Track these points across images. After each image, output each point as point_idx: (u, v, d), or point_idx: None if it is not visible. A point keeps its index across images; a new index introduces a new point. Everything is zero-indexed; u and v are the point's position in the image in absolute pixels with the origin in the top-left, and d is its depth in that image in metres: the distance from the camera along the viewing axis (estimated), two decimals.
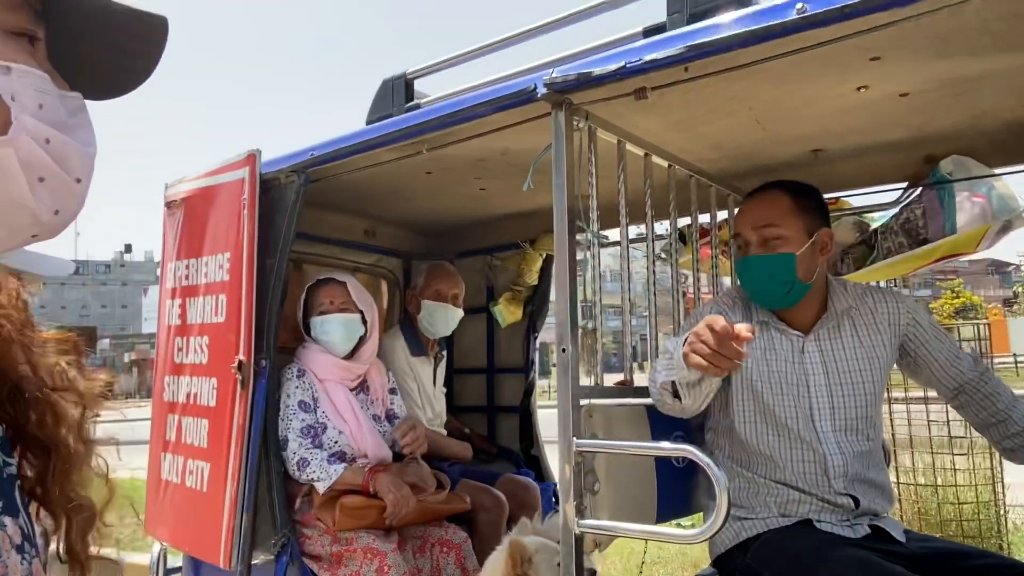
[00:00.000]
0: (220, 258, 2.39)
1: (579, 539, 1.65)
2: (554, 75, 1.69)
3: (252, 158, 2.32)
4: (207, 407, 2.39)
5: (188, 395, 2.50)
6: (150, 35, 0.68)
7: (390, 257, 3.46)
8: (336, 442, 2.40)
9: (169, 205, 2.70)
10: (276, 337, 2.33)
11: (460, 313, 3.03)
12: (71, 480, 0.65)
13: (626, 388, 1.98)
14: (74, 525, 0.67)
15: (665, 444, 1.64)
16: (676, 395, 1.70)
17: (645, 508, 1.90)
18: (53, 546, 0.68)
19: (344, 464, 2.33)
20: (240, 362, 2.26)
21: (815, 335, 1.90)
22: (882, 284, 2.48)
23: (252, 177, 2.30)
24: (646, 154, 2.08)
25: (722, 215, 2.50)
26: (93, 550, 0.69)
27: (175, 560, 2.72)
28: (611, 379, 2.03)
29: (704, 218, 2.49)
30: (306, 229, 2.99)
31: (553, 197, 1.73)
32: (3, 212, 0.58)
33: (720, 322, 1.46)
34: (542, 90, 1.71)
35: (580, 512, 1.66)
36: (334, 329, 2.52)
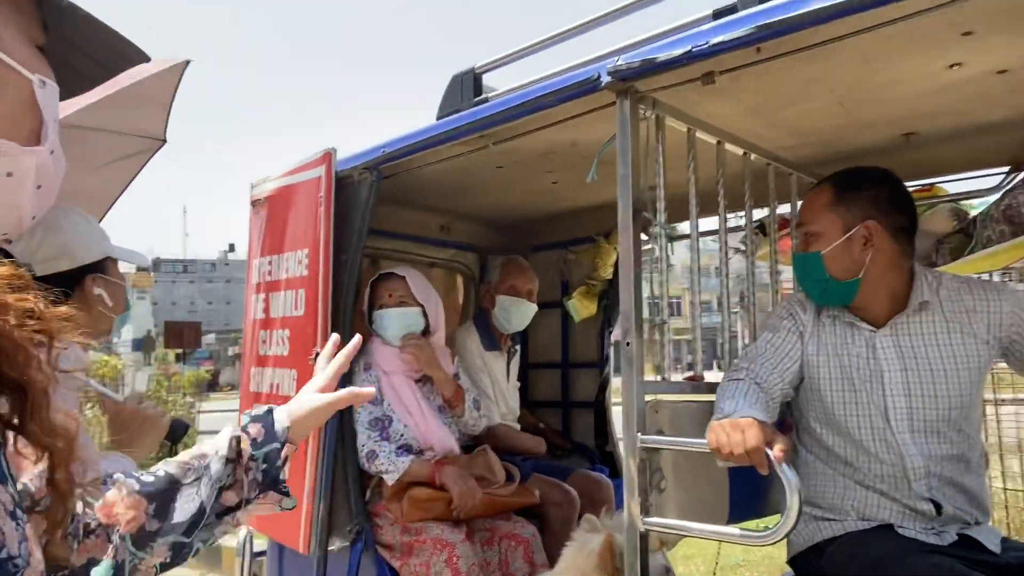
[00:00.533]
0: (299, 254, 2.47)
1: (644, 537, 1.62)
2: (618, 63, 1.65)
3: (328, 156, 2.39)
4: (288, 397, 2.47)
5: (271, 385, 2.60)
6: (121, 60, 0.72)
7: (465, 252, 3.49)
8: (402, 435, 2.44)
9: (254, 204, 2.81)
10: (350, 330, 2.39)
11: (535, 308, 3.03)
12: (47, 415, 0.66)
13: (695, 384, 1.92)
14: (55, 456, 0.67)
15: None
16: None
17: (716, 507, 1.84)
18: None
19: (412, 456, 2.37)
20: (316, 354, 2.32)
21: (890, 329, 1.78)
22: (983, 276, 2.31)
23: (328, 175, 2.37)
24: (719, 142, 2.01)
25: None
26: (75, 480, 0.70)
27: (260, 544, 2.84)
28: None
29: (783, 208, 2.39)
30: (383, 225, 3.07)
31: (617, 189, 1.70)
32: (2, 216, 0.61)
33: (753, 435, 1.44)
34: (606, 79, 1.68)
35: (645, 509, 1.62)
36: (390, 323, 2.57)
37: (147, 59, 0.73)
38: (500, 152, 2.38)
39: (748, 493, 1.95)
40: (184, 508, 0.94)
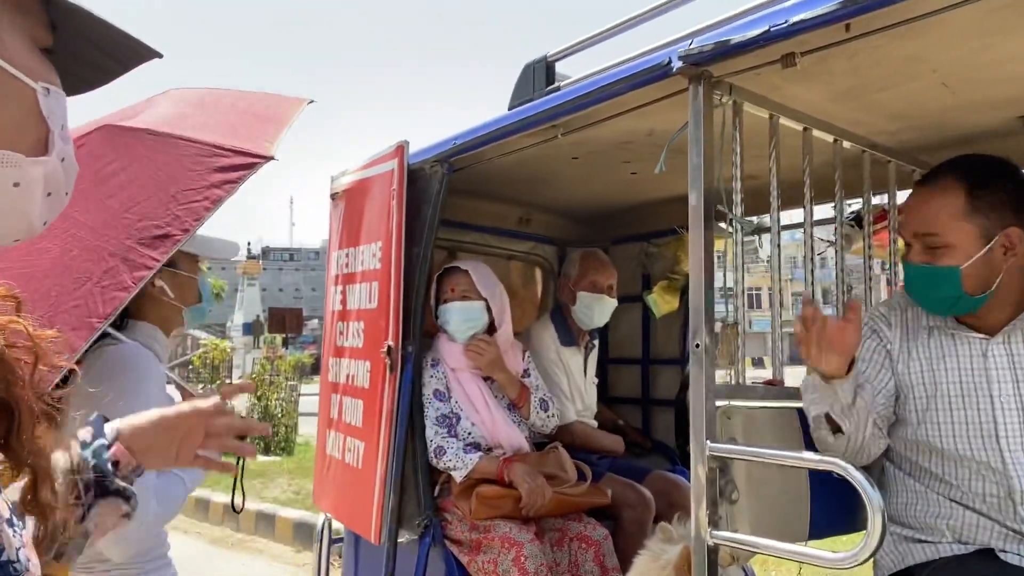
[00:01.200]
0: (373, 247, 2.49)
1: (712, 551, 1.52)
2: (690, 46, 1.55)
3: (401, 149, 2.39)
4: (362, 388, 2.51)
5: (347, 376, 2.64)
6: (129, 61, 0.70)
7: (544, 244, 3.43)
8: (469, 433, 2.42)
9: (333, 197, 2.86)
10: (421, 323, 2.39)
11: (614, 303, 2.94)
12: (30, 435, 0.66)
13: (774, 388, 1.79)
14: (38, 477, 0.68)
15: (809, 454, 1.46)
16: (836, 430, 1.53)
17: (795, 522, 1.72)
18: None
19: (480, 453, 2.34)
20: (389, 347, 2.34)
21: (1004, 337, 1.59)
22: None
23: (400, 168, 2.37)
24: (805, 128, 1.87)
25: (904, 194, 2.19)
26: (57, 498, 0.71)
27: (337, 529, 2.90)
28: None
29: (879, 198, 2.20)
30: (461, 217, 3.06)
31: (689, 179, 1.60)
32: (7, 222, 0.61)
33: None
34: (677, 64, 1.58)
35: (714, 522, 1.53)
36: (452, 317, 2.54)
37: (159, 55, 0.72)
38: (573, 143, 2.31)
39: (833, 507, 1.81)
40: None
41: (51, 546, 0.81)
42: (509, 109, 2.23)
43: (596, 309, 2.88)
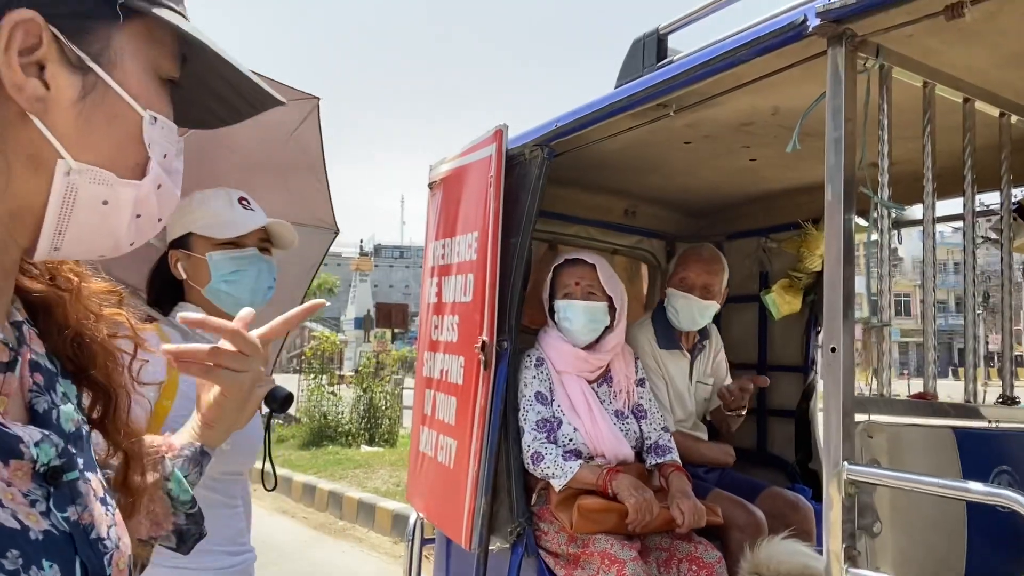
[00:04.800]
0: (469, 237, 2.38)
1: None
2: (831, 1, 1.33)
3: (499, 134, 2.25)
4: (456, 385, 2.40)
5: (441, 372, 2.54)
6: (259, 102, 0.72)
7: (651, 239, 3.22)
8: (571, 439, 2.25)
9: (431, 186, 2.77)
10: (519, 318, 2.25)
11: (712, 306, 2.65)
12: (127, 418, 0.71)
13: (924, 403, 1.53)
14: (131, 459, 0.73)
15: (975, 485, 1.20)
16: None
17: (947, 562, 1.45)
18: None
19: (580, 461, 2.17)
20: (483, 342, 2.21)
21: None
22: None
23: (499, 154, 2.23)
24: (966, 100, 1.59)
25: None
26: (147, 480, 0.76)
27: (428, 531, 2.82)
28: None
29: None
30: (562, 209, 2.90)
31: (825, 157, 1.38)
32: (94, 238, 0.63)
33: None
34: (814, 21, 1.36)
35: (851, 559, 1.30)
36: (576, 316, 2.36)
37: (282, 103, 0.72)
38: (686, 124, 2.11)
39: (995, 546, 1.53)
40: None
41: (138, 527, 0.86)
42: (616, 88, 2.05)
43: (683, 309, 2.63)
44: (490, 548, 2.19)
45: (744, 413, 2.64)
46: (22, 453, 0.54)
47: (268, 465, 1.65)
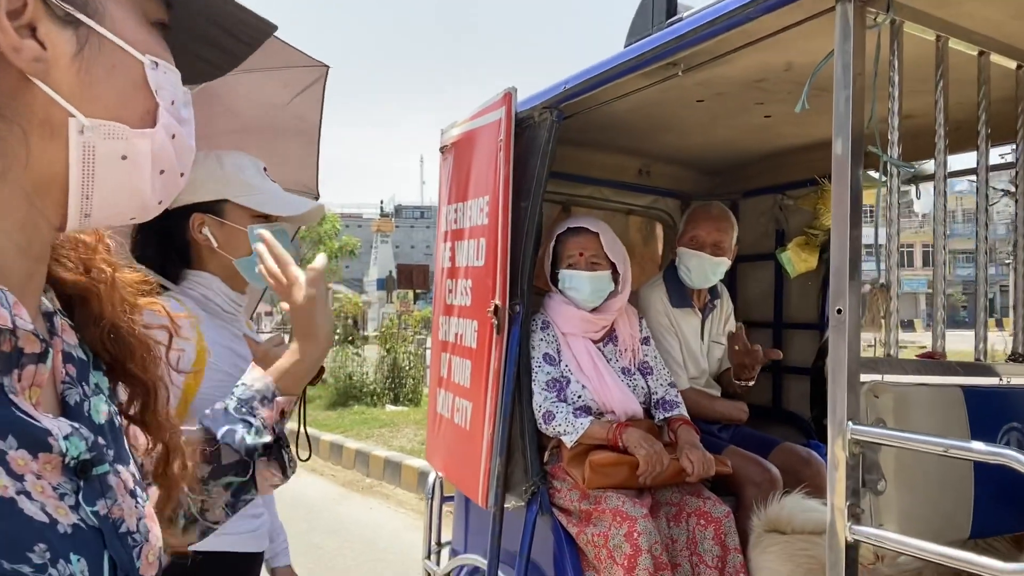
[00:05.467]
0: (480, 201, 2.38)
1: (851, 548, 1.32)
2: None
3: (508, 97, 2.23)
4: (470, 348, 2.44)
5: (456, 335, 2.57)
6: (252, 39, 0.71)
7: (667, 198, 3.20)
8: (580, 396, 2.28)
9: (442, 150, 2.76)
10: (530, 281, 2.26)
11: (723, 263, 2.65)
12: (166, 410, 0.72)
13: (932, 362, 1.53)
14: (170, 451, 0.73)
15: (979, 445, 1.20)
16: None
17: (953, 519, 1.46)
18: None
19: (591, 417, 2.21)
20: (496, 306, 2.23)
21: None
22: None
23: (508, 117, 2.22)
24: (981, 53, 1.55)
25: None
26: (186, 470, 0.77)
27: (448, 490, 2.88)
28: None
29: None
30: (574, 169, 2.89)
31: (833, 114, 1.35)
32: (120, 198, 0.62)
33: None
34: None
35: (855, 516, 1.32)
36: (581, 286, 2.38)
37: (275, 28, 0.71)
38: (698, 83, 2.08)
39: (1004, 501, 1.53)
40: (228, 452, 0.97)
41: (174, 517, 0.91)
42: (625, 47, 2.02)
43: (695, 267, 2.63)
44: (505, 506, 2.25)
45: (752, 384, 2.65)
46: (51, 446, 0.54)
47: (303, 435, 1.61)
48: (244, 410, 0.98)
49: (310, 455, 1.44)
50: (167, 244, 1.54)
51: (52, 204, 0.59)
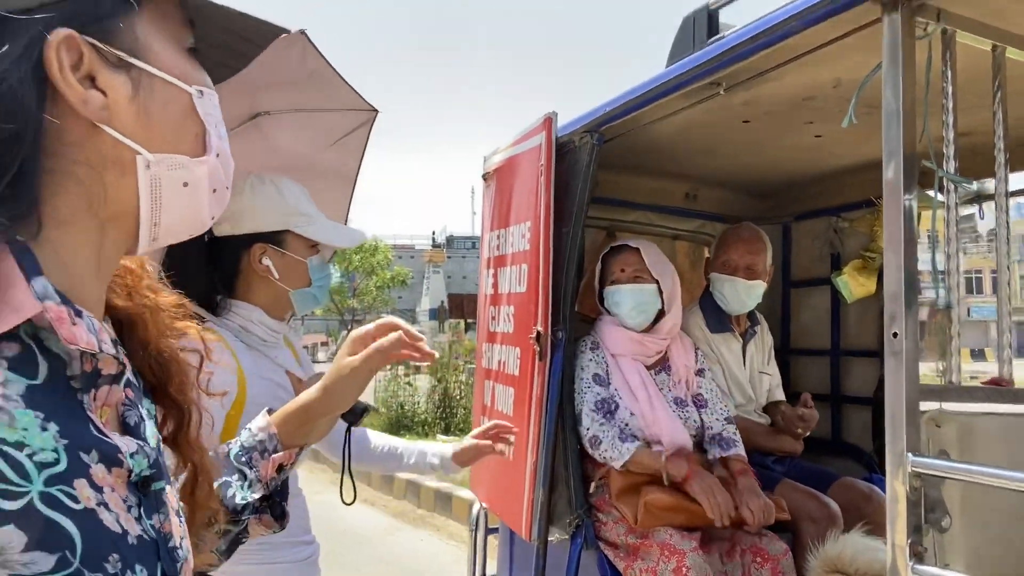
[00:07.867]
0: (522, 227, 2.36)
1: None
2: None
3: (548, 122, 2.22)
4: (512, 376, 2.40)
5: (499, 363, 2.54)
6: (262, 41, 0.72)
7: (714, 222, 3.12)
8: (627, 423, 2.20)
9: (485, 177, 2.76)
10: (573, 307, 2.22)
11: (758, 285, 2.55)
12: (198, 433, 0.74)
13: (1000, 389, 1.42)
14: (199, 473, 0.75)
15: None
16: None
17: None
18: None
19: (638, 443, 2.13)
20: (538, 332, 2.20)
21: None
22: None
23: (548, 142, 2.21)
24: None
25: None
26: (208, 496, 0.78)
27: (493, 520, 2.83)
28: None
29: None
30: (619, 195, 2.85)
31: (882, 129, 1.29)
32: (183, 220, 0.66)
33: None
34: None
35: (917, 555, 1.23)
36: (623, 300, 2.32)
37: (286, 31, 0.73)
38: (743, 102, 2.03)
39: None
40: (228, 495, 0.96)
41: (195, 541, 0.88)
42: (666, 68, 1.99)
43: (729, 292, 2.54)
44: (550, 539, 2.18)
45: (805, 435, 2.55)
46: (121, 462, 0.57)
47: (348, 478, 1.42)
48: (244, 459, 0.96)
49: (354, 499, 1.37)
50: (211, 271, 1.50)
51: (124, 232, 0.63)
